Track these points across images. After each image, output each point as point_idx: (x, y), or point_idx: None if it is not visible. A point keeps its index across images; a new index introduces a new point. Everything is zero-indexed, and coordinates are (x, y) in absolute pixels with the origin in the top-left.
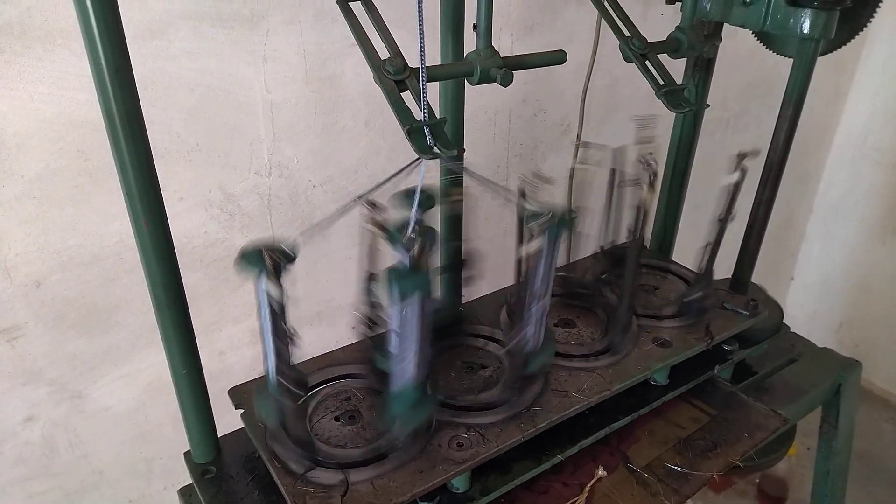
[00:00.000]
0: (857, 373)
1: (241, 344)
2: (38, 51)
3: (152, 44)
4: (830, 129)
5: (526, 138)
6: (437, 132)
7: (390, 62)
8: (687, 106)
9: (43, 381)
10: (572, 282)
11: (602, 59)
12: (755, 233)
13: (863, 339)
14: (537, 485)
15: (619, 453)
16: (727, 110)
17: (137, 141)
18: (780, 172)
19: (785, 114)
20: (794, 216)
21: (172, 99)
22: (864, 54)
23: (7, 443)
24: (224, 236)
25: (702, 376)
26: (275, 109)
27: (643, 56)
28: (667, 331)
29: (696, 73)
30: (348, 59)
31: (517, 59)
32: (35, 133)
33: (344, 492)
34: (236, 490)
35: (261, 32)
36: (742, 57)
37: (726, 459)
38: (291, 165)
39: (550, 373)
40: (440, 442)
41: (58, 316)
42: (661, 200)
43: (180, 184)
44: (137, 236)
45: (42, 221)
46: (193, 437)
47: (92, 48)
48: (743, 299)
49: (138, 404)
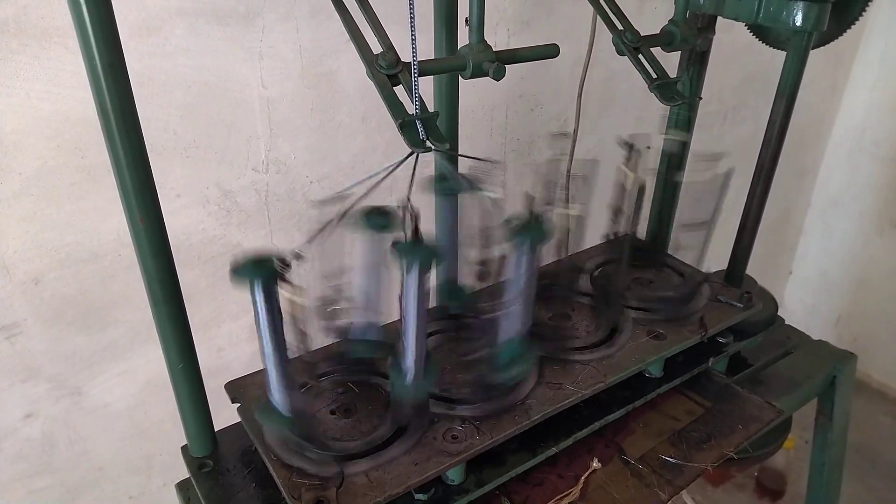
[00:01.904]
0: (852, 365)
1: (240, 340)
2: (35, 48)
3: (148, 41)
4: (828, 123)
5: (523, 134)
6: (429, 126)
7: (383, 57)
8: (680, 99)
9: (42, 378)
10: (566, 275)
11: (598, 54)
12: (749, 225)
13: (861, 332)
14: (532, 477)
15: (613, 445)
16: (724, 104)
17: (132, 136)
18: (774, 165)
19: (778, 106)
20: (792, 210)
21: (169, 96)
22: (861, 48)
23: (7, 439)
24: (222, 233)
25: (696, 369)
26: (271, 106)
27: (636, 49)
28: (661, 323)
29: (690, 66)
30: (344, 55)
31: (510, 53)
32: (32, 130)
33: (339, 484)
34: (233, 483)
35: (257, 29)
36: (739, 50)
37: (721, 451)
38: (288, 162)
39: (545, 365)
40: (435, 434)
41: (56, 313)
42: (656, 194)
43: (177, 181)
44: (133, 232)
45: (40, 219)
46: (190, 430)
47: (85, 43)
48: (737, 292)
49: (138, 401)
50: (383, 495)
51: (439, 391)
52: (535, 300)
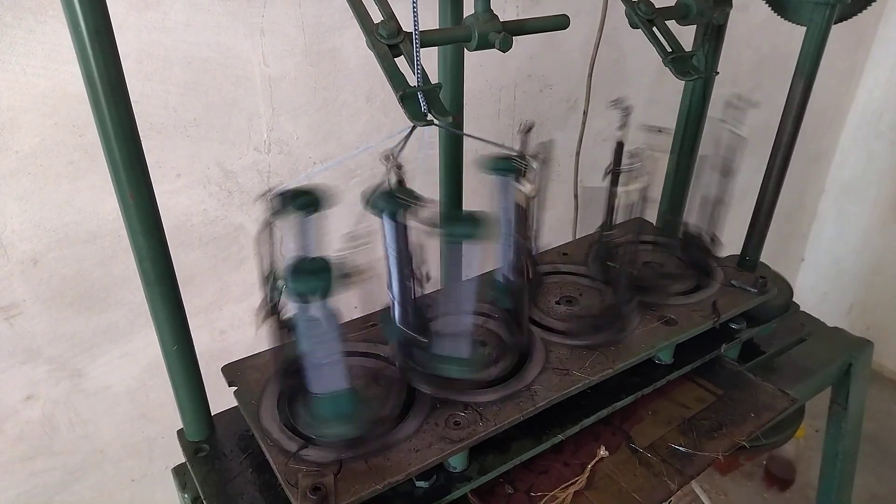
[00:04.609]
0: (868, 353)
1: (242, 323)
2: (30, 22)
3: (147, 16)
4: (844, 108)
5: (532, 114)
6: (431, 98)
7: (383, 26)
8: (695, 73)
9: (42, 360)
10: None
11: (609, 33)
12: (765, 208)
13: (874, 321)
14: (537, 464)
15: (621, 433)
16: (739, 86)
17: (121, 108)
18: (792, 146)
19: (797, 85)
20: (806, 196)
21: (168, 72)
22: (880, 29)
23: (8, 421)
24: (223, 214)
25: (708, 355)
26: (273, 84)
27: (650, 22)
28: (672, 308)
29: (707, 41)
30: (348, 31)
31: (517, 24)
32: (28, 108)
33: (337, 470)
34: (229, 468)
35: (258, 4)
36: (754, 31)
37: (732, 440)
38: (291, 142)
39: (551, 351)
40: (437, 420)
41: (56, 294)
42: (668, 176)
43: (178, 160)
44: (123, 209)
45: (38, 198)
46: (186, 414)
47: (69, 8)
48: (751, 276)
49: (139, 383)
50: (382, 482)
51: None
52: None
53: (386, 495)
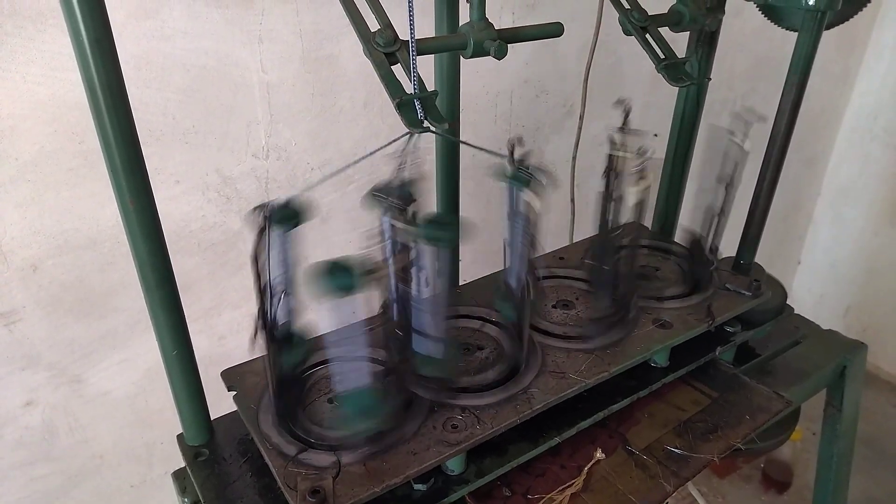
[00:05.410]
0: (863, 355)
1: (241, 328)
2: (30, 30)
3: (146, 24)
4: (839, 111)
5: (528, 120)
6: (427, 105)
7: (380, 34)
8: (688, 80)
9: (41, 366)
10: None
11: (605, 39)
12: (759, 211)
13: (870, 323)
14: (534, 467)
15: (617, 436)
16: (733, 91)
17: (121, 115)
18: (785, 150)
19: (789, 89)
20: (802, 199)
21: (167, 80)
22: (874, 33)
23: (7, 427)
24: (221, 220)
25: (703, 358)
26: (271, 90)
27: (643, 29)
28: (667, 312)
29: (700, 47)
30: (345, 39)
31: (512, 32)
32: (28, 115)
33: (336, 473)
34: (229, 472)
35: (256, 12)
36: (748, 36)
37: (727, 442)
38: (289, 148)
39: (547, 354)
40: (434, 423)
41: (55, 300)
42: (663, 180)
43: (176, 166)
44: (123, 215)
45: (38, 205)
46: (186, 419)
47: (70, 17)
48: (746, 280)
49: (138, 389)
50: (381, 485)
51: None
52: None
53: (384, 498)
